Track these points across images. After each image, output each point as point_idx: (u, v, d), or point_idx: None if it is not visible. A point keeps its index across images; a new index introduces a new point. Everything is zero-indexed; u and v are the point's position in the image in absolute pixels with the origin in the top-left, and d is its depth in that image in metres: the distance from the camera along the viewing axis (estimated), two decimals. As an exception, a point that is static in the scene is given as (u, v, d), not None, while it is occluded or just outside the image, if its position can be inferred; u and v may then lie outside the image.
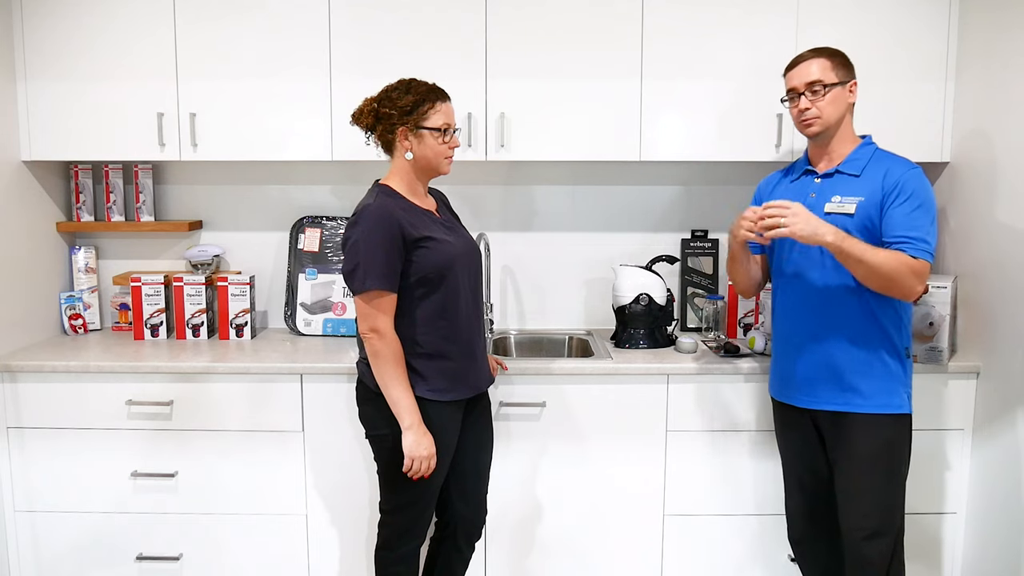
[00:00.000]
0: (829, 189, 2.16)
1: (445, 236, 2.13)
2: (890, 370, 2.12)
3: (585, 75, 2.65)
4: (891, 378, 2.12)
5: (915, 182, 2.06)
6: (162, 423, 2.54)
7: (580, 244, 3.06)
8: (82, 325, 2.96)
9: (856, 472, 2.13)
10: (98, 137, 2.69)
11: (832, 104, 2.12)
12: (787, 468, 2.34)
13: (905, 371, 2.15)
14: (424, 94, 2.10)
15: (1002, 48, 2.42)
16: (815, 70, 2.12)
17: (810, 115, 2.13)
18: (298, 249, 3.00)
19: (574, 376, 2.53)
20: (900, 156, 2.15)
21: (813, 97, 2.12)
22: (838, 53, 2.16)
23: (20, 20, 2.65)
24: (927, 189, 2.07)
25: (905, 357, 2.15)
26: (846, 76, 2.14)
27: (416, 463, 2.05)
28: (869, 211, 2.08)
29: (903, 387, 2.14)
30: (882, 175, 2.09)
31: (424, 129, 2.10)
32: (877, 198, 2.08)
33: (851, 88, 2.15)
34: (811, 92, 2.12)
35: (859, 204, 2.09)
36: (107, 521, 2.60)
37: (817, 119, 2.13)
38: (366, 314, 2.03)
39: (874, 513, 2.12)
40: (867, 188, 2.10)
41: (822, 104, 2.12)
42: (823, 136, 2.16)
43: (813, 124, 2.14)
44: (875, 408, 2.11)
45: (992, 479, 2.45)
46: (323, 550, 2.60)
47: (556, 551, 2.62)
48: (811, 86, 2.12)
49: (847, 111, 2.16)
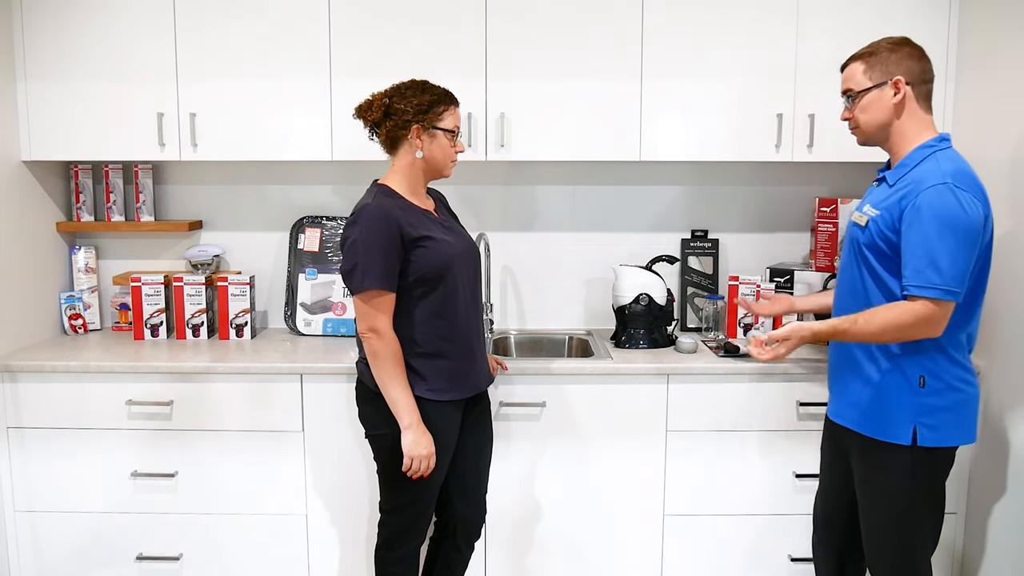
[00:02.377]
0: (871, 196, 2.03)
1: (444, 236, 2.13)
2: (890, 396, 1.96)
3: (585, 75, 2.65)
4: (890, 404, 1.96)
5: (932, 199, 1.83)
6: (162, 423, 2.55)
7: (580, 244, 3.06)
8: (82, 325, 2.96)
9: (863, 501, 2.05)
10: (98, 137, 2.70)
11: (865, 111, 1.98)
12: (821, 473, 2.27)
13: (913, 400, 1.94)
14: (440, 95, 2.11)
15: (1002, 48, 2.42)
16: (845, 78, 2.02)
17: (850, 125, 2.03)
18: (298, 249, 3.00)
19: (574, 376, 2.52)
20: (943, 167, 1.88)
21: (850, 106, 2.01)
22: (875, 52, 1.98)
23: (20, 20, 2.65)
24: (946, 206, 1.82)
25: (919, 386, 1.93)
26: (883, 76, 1.96)
27: (416, 462, 2.05)
28: (883, 229, 1.91)
29: (908, 416, 1.94)
30: (907, 189, 1.89)
31: (438, 129, 2.10)
32: (895, 215, 1.89)
33: (896, 85, 1.95)
34: (848, 101, 2.02)
35: (872, 218, 1.95)
36: (107, 521, 2.60)
37: (856, 128, 2.02)
38: (365, 314, 2.03)
39: (873, 546, 2.02)
40: (890, 202, 1.92)
41: (856, 112, 2.00)
42: (873, 141, 2.03)
43: (855, 133, 2.04)
44: (870, 432, 1.98)
45: (992, 479, 2.45)
46: (323, 550, 2.60)
47: (556, 551, 2.62)
48: (845, 96, 2.02)
49: (892, 113, 1.97)
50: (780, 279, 2.85)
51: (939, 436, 1.94)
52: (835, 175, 3.02)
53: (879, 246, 1.93)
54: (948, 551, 2.61)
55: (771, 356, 2.08)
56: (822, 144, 2.67)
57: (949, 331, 1.91)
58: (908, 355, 1.94)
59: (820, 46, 2.62)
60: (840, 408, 2.09)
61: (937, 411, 1.94)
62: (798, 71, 2.64)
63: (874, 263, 1.95)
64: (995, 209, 2.40)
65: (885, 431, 1.96)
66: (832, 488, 2.20)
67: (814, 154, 2.68)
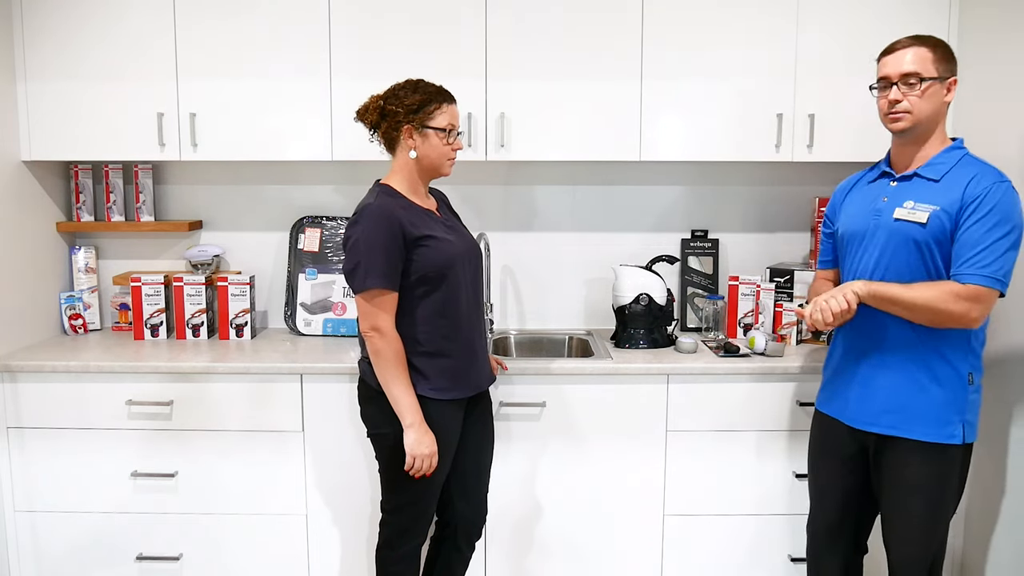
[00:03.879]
0: (903, 193, 1.96)
1: (446, 235, 2.13)
2: (938, 396, 1.94)
3: (585, 75, 2.66)
4: (941, 405, 1.93)
5: (999, 196, 1.83)
6: (162, 423, 2.54)
7: (580, 244, 3.06)
8: (82, 325, 2.96)
9: (894, 502, 2.01)
10: (98, 137, 2.69)
11: (927, 100, 1.90)
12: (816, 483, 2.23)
13: (962, 398, 1.94)
14: (431, 94, 2.11)
15: (1002, 48, 2.42)
16: (912, 59, 1.90)
17: (900, 108, 1.91)
18: (298, 249, 3.00)
19: (574, 376, 2.53)
20: (991, 165, 1.91)
21: (906, 89, 1.90)
22: (942, 44, 1.92)
23: (20, 20, 2.65)
24: (1013, 206, 1.84)
25: (968, 384, 1.94)
26: (947, 71, 1.91)
27: (418, 462, 2.05)
28: (944, 222, 1.88)
29: (957, 415, 1.93)
30: (965, 183, 1.87)
31: (429, 128, 2.10)
32: (955, 208, 1.87)
33: (950, 86, 1.92)
34: (905, 84, 1.90)
35: (932, 213, 1.89)
36: (107, 521, 2.60)
37: (907, 114, 1.91)
38: (367, 313, 2.04)
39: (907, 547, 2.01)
40: (946, 197, 1.89)
41: (915, 99, 1.90)
42: (909, 134, 1.95)
43: (902, 119, 1.92)
44: (920, 436, 1.94)
45: (992, 479, 2.45)
46: (323, 550, 2.60)
47: (556, 551, 2.62)
48: (906, 77, 1.90)
49: (942, 110, 1.94)
50: (780, 279, 2.85)
51: (974, 432, 1.98)
52: (835, 175, 3.02)
53: (939, 239, 1.90)
54: (948, 551, 2.60)
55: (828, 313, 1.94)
56: (822, 144, 2.67)
57: (981, 327, 1.94)
58: (960, 352, 1.94)
59: (820, 45, 2.63)
60: (870, 415, 2.02)
61: (975, 407, 1.98)
62: (798, 71, 2.64)
63: (938, 257, 1.92)
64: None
65: (940, 431, 1.94)
66: (837, 494, 2.16)
67: (814, 154, 2.68)
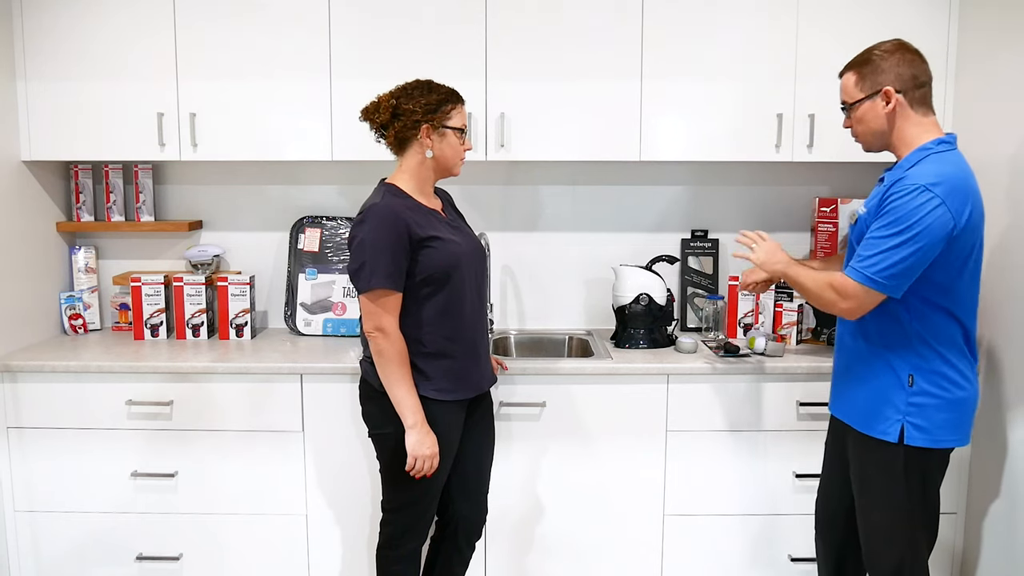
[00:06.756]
0: (873, 195, 2.03)
1: (451, 236, 2.13)
2: (872, 391, 1.99)
3: (585, 75, 2.65)
4: (874, 400, 1.99)
5: (902, 199, 1.85)
6: (162, 423, 2.54)
7: (580, 244, 3.06)
8: (82, 325, 2.96)
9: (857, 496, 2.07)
10: (98, 137, 2.69)
11: (861, 122, 1.99)
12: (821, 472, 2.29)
13: (899, 398, 1.94)
14: (447, 94, 2.11)
15: (1002, 48, 2.42)
16: (841, 89, 2.03)
17: (853, 135, 2.04)
18: (298, 249, 3.00)
19: (574, 376, 2.53)
20: (927, 169, 1.88)
21: (847, 118, 2.04)
22: (864, 61, 1.97)
23: (20, 20, 2.65)
24: (915, 210, 1.83)
25: (906, 385, 1.94)
26: (872, 87, 1.95)
27: (419, 462, 2.05)
28: (866, 222, 1.97)
29: (895, 414, 1.94)
30: (890, 185, 1.93)
31: (447, 128, 2.10)
32: (875, 210, 1.95)
33: (885, 96, 1.94)
34: (845, 114, 2.04)
35: (861, 216, 2.01)
36: (107, 521, 2.60)
37: (856, 138, 2.04)
38: (371, 313, 2.03)
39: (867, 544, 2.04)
40: (876, 201, 1.97)
41: (855, 125, 2.01)
42: (875, 149, 2.04)
43: (859, 143, 2.05)
44: (859, 427, 2.02)
45: (991, 479, 2.46)
46: (323, 550, 2.60)
47: (556, 551, 2.62)
48: (843, 107, 2.03)
49: (891, 120, 1.95)
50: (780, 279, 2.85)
51: (928, 437, 1.93)
52: (835, 175, 3.02)
53: (862, 239, 1.96)
54: (948, 551, 2.61)
55: (742, 249, 2.19)
56: (822, 144, 2.67)
57: (936, 328, 1.93)
58: (897, 351, 1.96)
59: (820, 46, 2.63)
60: (838, 402, 2.14)
61: (926, 411, 1.93)
62: (798, 71, 2.64)
63: None
64: (994, 208, 2.41)
65: (874, 427, 1.99)
66: (832, 485, 2.22)
67: (814, 154, 2.68)
